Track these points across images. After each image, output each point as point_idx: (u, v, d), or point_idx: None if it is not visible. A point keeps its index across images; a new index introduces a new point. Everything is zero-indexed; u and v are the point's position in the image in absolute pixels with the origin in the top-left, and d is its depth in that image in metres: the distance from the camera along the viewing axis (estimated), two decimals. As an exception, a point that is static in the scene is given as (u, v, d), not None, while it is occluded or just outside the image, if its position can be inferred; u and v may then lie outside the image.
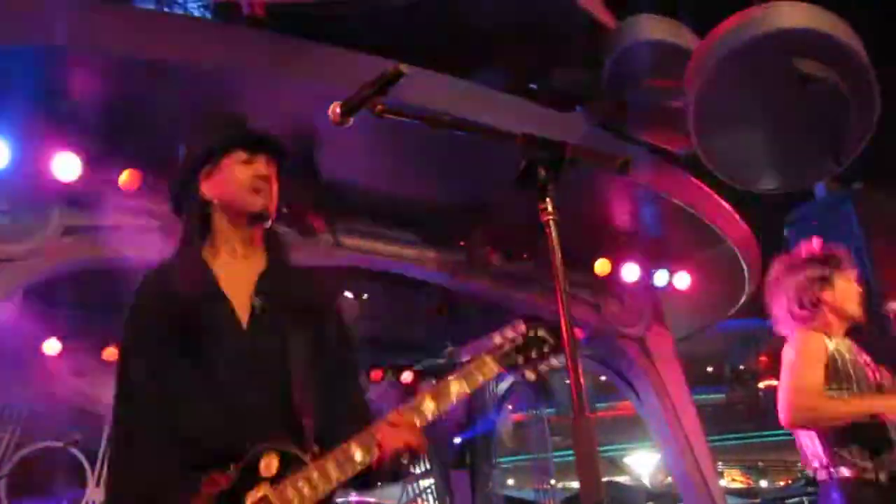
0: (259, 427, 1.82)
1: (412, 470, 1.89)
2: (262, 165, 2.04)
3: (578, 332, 7.50)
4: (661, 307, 7.40)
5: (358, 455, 1.81)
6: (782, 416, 2.91)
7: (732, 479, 27.68)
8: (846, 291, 3.09)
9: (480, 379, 1.96)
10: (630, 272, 6.79)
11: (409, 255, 6.34)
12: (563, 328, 1.61)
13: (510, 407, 10.95)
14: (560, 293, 1.64)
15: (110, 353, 6.36)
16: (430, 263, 6.40)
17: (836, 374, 2.90)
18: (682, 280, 7.06)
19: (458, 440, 9.98)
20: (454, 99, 4.75)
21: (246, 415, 1.84)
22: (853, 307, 3.08)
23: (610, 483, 15.64)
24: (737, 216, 6.81)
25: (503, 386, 9.89)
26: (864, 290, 3.20)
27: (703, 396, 22.52)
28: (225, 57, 4.33)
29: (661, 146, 6.22)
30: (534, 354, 2.00)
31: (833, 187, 10.18)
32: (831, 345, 2.94)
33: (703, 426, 7.83)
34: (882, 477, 2.79)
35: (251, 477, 1.76)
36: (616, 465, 19.48)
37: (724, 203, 6.63)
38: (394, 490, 11.40)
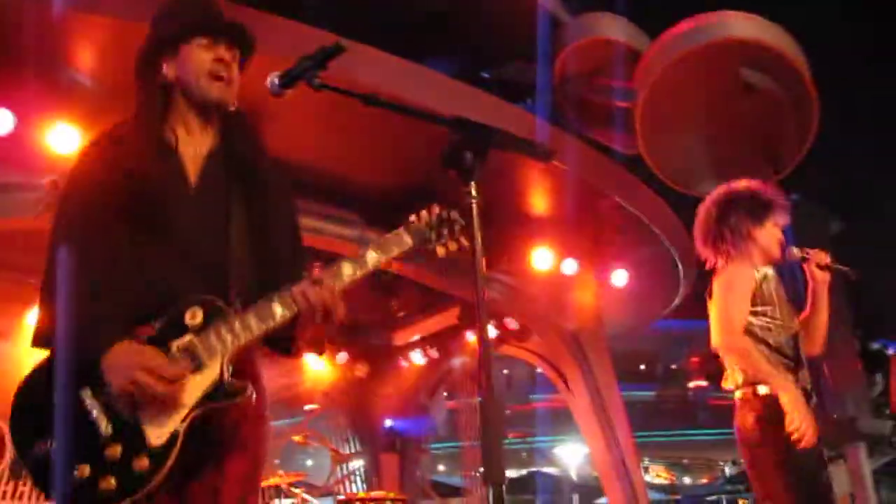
0: (190, 281, 1.94)
1: (329, 335, 2.01)
2: (223, 51, 2.09)
3: (513, 323, 7.57)
4: (597, 303, 7.50)
5: (278, 309, 1.91)
6: (714, 342, 3.08)
7: (657, 474, 28.35)
8: (773, 235, 3.24)
9: (395, 250, 2.06)
10: (568, 266, 6.84)
11: (352, 235, 6.31)
12: (478, 312, 1.63)
13: (445, 394, 11.00)
14: (478, 278, 1.66)
15: (35, 315, 6.19)
16: (374, 245, 6.35)
17: (762, 297, 3.10)
18: (619, 277, 7.14)
19: (389, 423, 9.99)
20: (403, 81, 4.72)
21: (180, 270, 1.95)
22: (776, 250, 3.23)
23: (537, 473, 15.86)
24: (675, 217, 6.92)
25: (439, 372, 9.93)
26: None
27: (635, 393, 23.00)
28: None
29: (606, 144, 6.30)
30: (445, 232, 2.10)
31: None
32: (759, 274, 3.13)
33: (633, 422, 7.99)
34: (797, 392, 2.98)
35: (177, 326, 1.88)
36: (545, 456, 19.78)
37: (663, 204, 6.74)
38: (322, 472, 11.38)
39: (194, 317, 1.88)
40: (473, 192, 1.74)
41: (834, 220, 11.58)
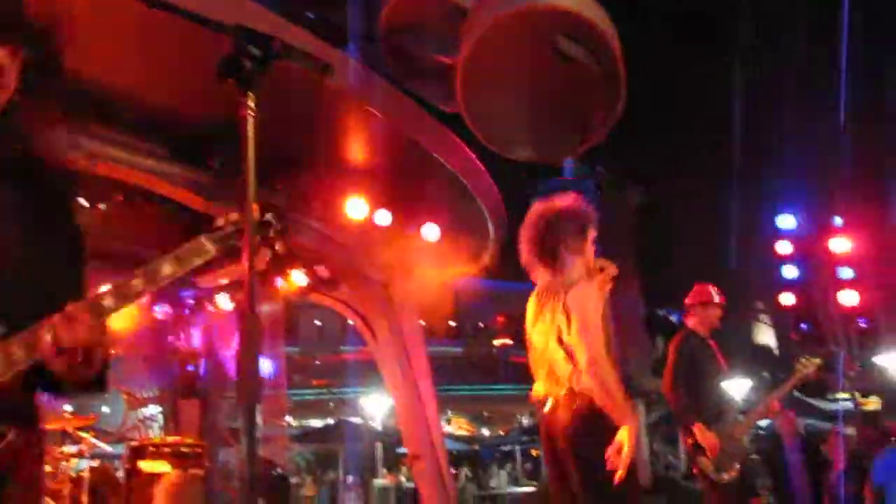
0: None
1: (93, 373, 1.78)
2: None
3: (324, 272, 7.51)
4: (408, 256, 7.58)
5: (19, 351, 1.67)
6: (585, 363, 3.16)
7: (459, 426, 29.70)
8: (592, 250, 3.39)
9: (196, 261, 1.86)
10: (382, 218, 6.84)
11: (156, 168, 5.99)
12: (247, 239, 1.60)
13: (261, 376, 10.79)
14: (249, 195, 1.62)
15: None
16: (177, 180, 6.08)
17: (603, 319, 3.27)
18: (431, 232, 7.23)
19: (190, 368, 9.68)
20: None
21: None
22: (592, 263, 3.41)
23: (340, 421, 16.06)
24: (489, 178, 7.11)
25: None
26: None
27: (443, 349, 23.81)
28: None
29: (426, 98, 6.32)
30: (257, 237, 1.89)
31: (579, 167, 11.08)
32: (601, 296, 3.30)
33: (440, 376, 8.20)
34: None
35: None
36: (351, 406, 20.05)
37: (478, 163, 6.89)
38: (115, 418, 10.88)
39: None
40: (251, 105, 1.68)
41: (635, 193, 12.44)
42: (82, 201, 6.23)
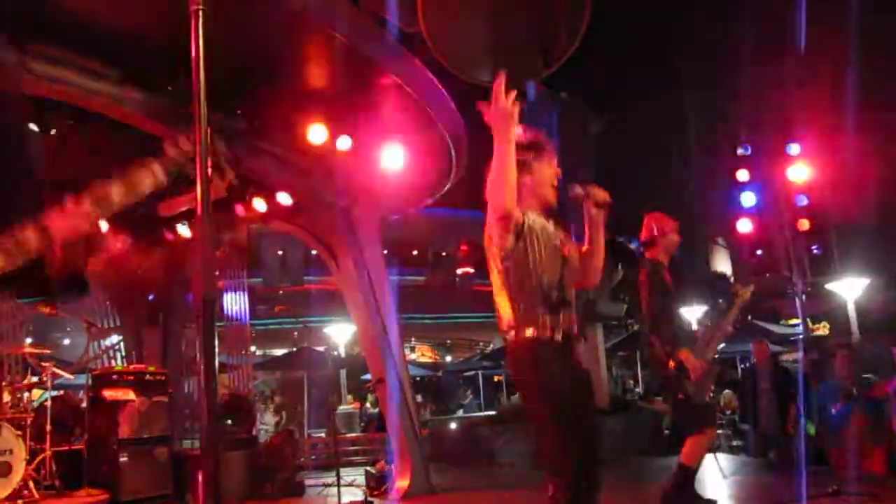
0: None
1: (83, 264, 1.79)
2: None
3: (286, 198, 7.40)
4: (371, 182, 7.52)
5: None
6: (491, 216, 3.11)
7: (423, 353, 30.17)
8: (543, 176, 3.35)
9: (146, 186, 1.88)
10: (344, 143, 6.76)
11: (110, 92, 5.81)
12: (198, 143, 1.57)
13: (216, 273, 10.71)
14: (199, 100, 1.58)
15: None
16: (132, 105, 5.91)
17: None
18: (394, 158, 7.17)
19: (152, 297, 9.60)
20: None
21: None
22: (548, 191, 3.36)
23: (304, 349, 16.18)
24: (452, 104, 7.01)
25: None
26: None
27: (406, 277, 23.95)
28: None
29: (386, 19, 6.18)
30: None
31: (543, 92, 11.00)
32: (528, 219, 3.18)
33: (403, 305, 8.19)
34: (558, 336, 3.15)
35: None
36: (315, 334, 20.17)
37: (441, 89, 6.79)
38: (77, 350, 10.81)
39: None
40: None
41: (595, 120, 12.43)
42: (33, 127, 6.06)
